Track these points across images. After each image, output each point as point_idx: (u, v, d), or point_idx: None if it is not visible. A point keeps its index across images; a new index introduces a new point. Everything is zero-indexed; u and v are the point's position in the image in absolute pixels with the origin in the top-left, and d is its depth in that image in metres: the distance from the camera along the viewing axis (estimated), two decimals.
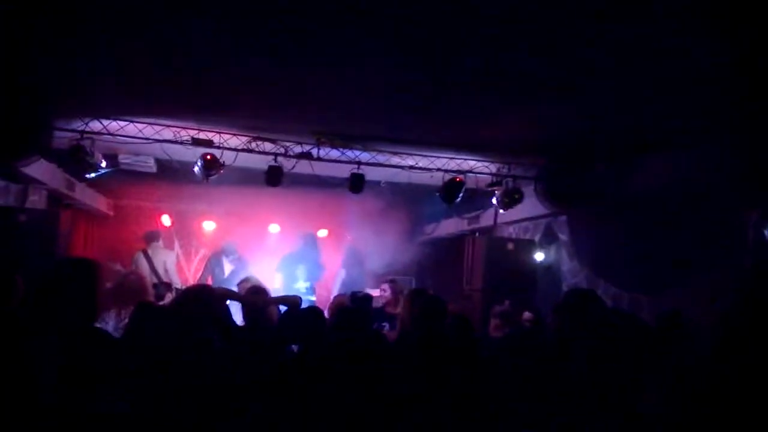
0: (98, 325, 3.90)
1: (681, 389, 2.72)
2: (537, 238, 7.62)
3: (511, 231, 8.23)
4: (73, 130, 5.81)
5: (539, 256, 7.34)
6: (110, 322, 4.72)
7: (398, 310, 5.36)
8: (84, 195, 8.37)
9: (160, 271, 7.55)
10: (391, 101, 4.86)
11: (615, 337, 3.45)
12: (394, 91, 4.56)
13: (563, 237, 7.21)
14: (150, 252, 7.79)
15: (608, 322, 3.67)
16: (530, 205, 6.94)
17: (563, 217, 7.10)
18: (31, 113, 5.29)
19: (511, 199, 6.80)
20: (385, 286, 6.10)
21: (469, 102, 4.73)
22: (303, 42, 3.66)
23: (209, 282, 7.49)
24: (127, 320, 3.87)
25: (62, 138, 5.83)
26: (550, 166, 6.43)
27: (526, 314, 5.41)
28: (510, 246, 7.35)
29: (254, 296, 4.12)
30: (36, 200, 7.25)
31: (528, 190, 6.81)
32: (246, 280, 5.63)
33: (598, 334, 3.49)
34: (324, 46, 3.70)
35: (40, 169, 6.60)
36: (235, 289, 5.55)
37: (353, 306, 4.96)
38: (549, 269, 7.32)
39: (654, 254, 5.46)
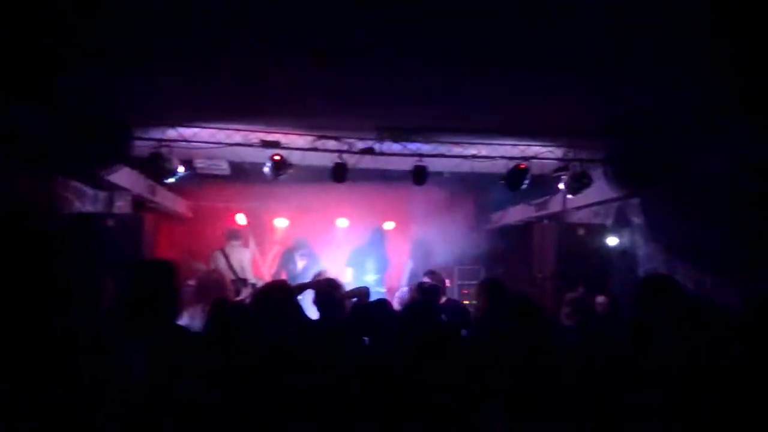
0: (182, 323, 4.15)
1: None
2: (609, 222, 7.41)
3: (581, 216, 8.03)
4: (151, 139, 6.19)
5: (612, 241, 7.14)
6: (196, 318, 5.01)
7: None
8: (165, 198, 8.86)
9: (237, 269, 7.90)
10: (450, 89, 4.87)
11: (700, 324, 3.34)
12: (453, 78, 4.57)
13: (637, 220, 6.98)
14: (227, 250, 8.16)
15: (692, 308, 3.55)
16: (600, 189, 6.76)
17: (636, 200, 6.87)
18: (112, 125, 5.68)
19: (579, 184, 6.65)
20: (426, 279, 6.11)
21: (529, 84, 4.66)
22: (361, 38, 3.75)
23: (284, 277, 7.77)
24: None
25: (142, 146, 6.22)
26: (619, 146, 6.23)
27: (599, 298, 5.29)
28: (581, 231, 7.18)
29: (329, 288, 4.25)
30: (122, 205, 7.75)
31: (596, 173, 6.64)
32: (320, 273, 5.85)
33: (681, 322, 3.39)
34: (381, 39, 3.77)
35: (123, 176, 7.07)
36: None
37: (421, 297, 5.02)
38: (623, 254, 7.10)
39: (739, 233, 5.18)
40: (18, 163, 5.18)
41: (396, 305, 5.20)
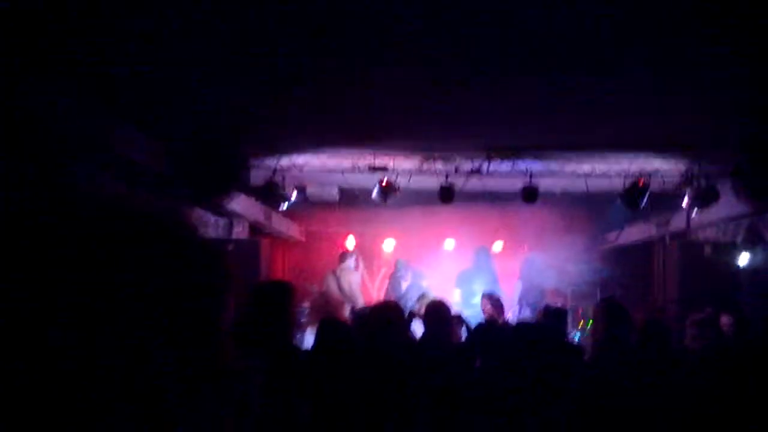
0: (301, 342, 4.28)
1: None
2: (739, 239, 6.84)
3: (707, 234, 7.47)
4: (267, 168, 6.54)
5: (743, 260, 6.58)
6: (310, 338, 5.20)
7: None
8: (280, 224, 9.29)
9: (346, 290, 8.09)
10: (559, 103, 4.74)
11: None
12: (561, 92, 4.45)
13: None
14: (338, 273, 8.38)
15: None
16: (728, 204, 6.27)
17: None
18: (231, 157, 6.06)
19: (705, 199, 6.22)
20: (485, 301, 5.98)
21: (645, 95, 4.45)
22: (466, 64, 3.78)
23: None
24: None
25: (257, 175, 6.59)
26: (749, 158, 5.75)
27: (724, 319, 4.86)
28: (708, 250, 6.69)
29: (437, 311, 4.24)
30: (240, 231, 8.21)
31: (724, 187, 6.16)
32: (423, 296, 5.84)
33: None
34: (486, 60, 3.78)
35: (241, 203, 7.49)
36: (412, 303, 5.83)
37: (546, 321, 4.88)
38: (756, 274, 6.51)
39: None
40: (145, 193, 5.66)
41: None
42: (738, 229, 6.92)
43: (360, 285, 8.26)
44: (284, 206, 6.85)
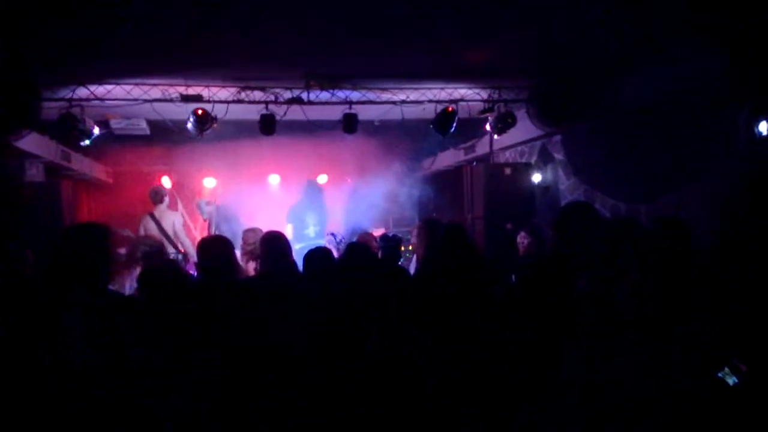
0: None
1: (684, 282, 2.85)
2: (533, 160, 7.68)
3: (507, 156, 8.28)
4: (61, 99, 5.81)
5: (537, 178, 7.42)
6: (126, 286, 4.87)
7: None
8: (81, 165, 8.40)
9: (170, 233, 7.65)
10: (374, 34, 4.82)
11: (617, 242, 3.54)
12: (376, 22, 4.52)
13: (559, 156, 7.26)
14: (157, 214, 7.87)
15: (608, 229, 3.75)
16: (524, 129, 6.98)
17: (558, 137, 7.14)
18: (17, 85, 5.26)
19: (504, 124, 6.83)
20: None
21: (451, 25, 4.68)
22: None
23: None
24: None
25: (50, 108, 5.83)
26: (540, 86, 6.41)
27: (521, 234, 5.48)
28: (507, 171, 7.42)
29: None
30: (34, 174, 7.29)
31: (521, 113, 6.82)
32: (251, 230, 5.70)
33: (599, 243, 3.58)
34: None
35: (33, 142, 6.61)
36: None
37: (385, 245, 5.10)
38: (547, 190, 7.41)
39: (649, 163, 5.54)
40: None
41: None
42: (533, 151, 7.75)
43: (183, 226, 7.87)
44: (86, 142, 6.17)
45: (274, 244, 3.91)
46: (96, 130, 6.15)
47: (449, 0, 4.05)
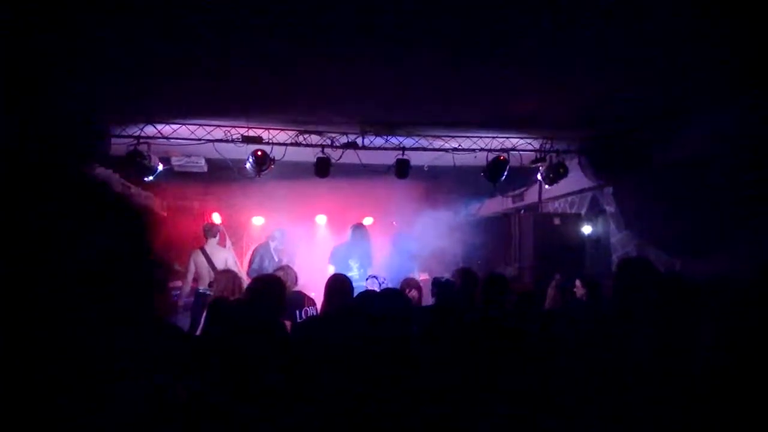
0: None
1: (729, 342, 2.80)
2: (583, 211, 7.63)
3: (556, 206, 8.25)
4: (129, 136, 6.10)
5: (587, 230, 7.36)
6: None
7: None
8: (139, 198, 8.71)
9: (219, 268, 7.80)
10: (429, 84, 4.96)
11: (671, 299, 3.50)
12: (430, 74, 4.65)
13: (610, 209, 7.21)
14: (208, 249, 8.06)
15: (664, 286, 3.72)
16: (575, 179, 6.97)
17: (609, 189, 7.10)
18: (89, 123, 5.56)
19: (555, 174, 6.84)
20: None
21: (504, 77, 4.78)
22: (344, 38, 3.82)
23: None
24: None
25: (119, 144, 6.12)
26: (592, 137, 6.44)
27: (578, 283, 5.44)
28: (557, 221, 7.37)
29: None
30: None
31: (572, 164, 6.83)
32: (281, 268, 5.69)
33: (655, 299, 3.55)
34: (361, 38, 3.85)
35: (97, 174, 6.92)
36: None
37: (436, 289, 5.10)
38: (598, 242, 7.33)
39: (701, 218, 5.45)
40: None
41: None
42: (583, 202, 7.71)
43: (235, 261, 8.03)
44: (149, 178, 6.44)
45: (336, 287, 4.00)
46: (159, 167, 6.40)
47: (501, 52, 4.15)
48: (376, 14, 3.52)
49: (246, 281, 7.23)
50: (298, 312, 4.88)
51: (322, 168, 6.35)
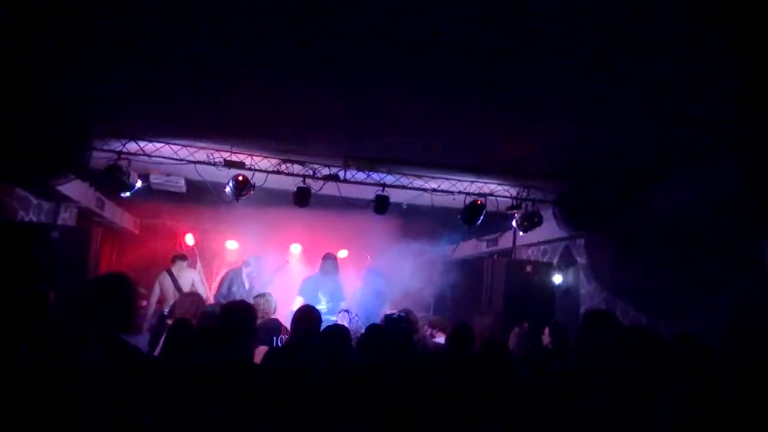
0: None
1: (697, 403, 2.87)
2: (555, 260, 7.75)
3: (529, 253, 8.36)
4: (110, 150, 6.06)
5: (557, 279, 7.46)
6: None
7: None
8: (113, 213, 8.62)
9: (186, 290, 7.72)
10: (415, 125, 5.07)
11: (635, 355, 3.57)
12: (418, 114, 4.77)
13: (581, 260, 7.34)
14: (174, 271, 7.97)
15: (629, 341, 3.79)
16: (549, 228, 7.10)
17: (581, 240, 7.24)
18: (70, 134, 5.51)
19: (530, 222, 6.96)
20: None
21: (489, 123, 4.91)
22: (332, 70, 3.91)
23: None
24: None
25: (98, 158, 6.08)
26: (569, 189, 6.58)
27: (546, 331, 5.49)
28: (529, 268, 7.45)
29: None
30: (66, 217, 7.49)
31: (547, 213, 6.97)
32: (261, 295, 5.70)
33: (618, 354, 3.62)
34: (351, 74, 3.95)
35: (73, 187, 6.84)
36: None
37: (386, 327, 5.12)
38: (567, 292, 7.42)
39: (673, 277, 5.55)
40: None
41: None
42: (555, 251, 7.84)
43: (202, 283, 7.94)
44: (126, 194, 6.38)
45: (302, 319, 4.00)
46: (138, 183, 6.36)
47: (492, 96, 4.27)
48: (367, 53, 3.63)
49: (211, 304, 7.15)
50: (275, 338, 4.97)
51: (302, 198, 6.37)
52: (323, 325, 4.27)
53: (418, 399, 3.53)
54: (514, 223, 7.21)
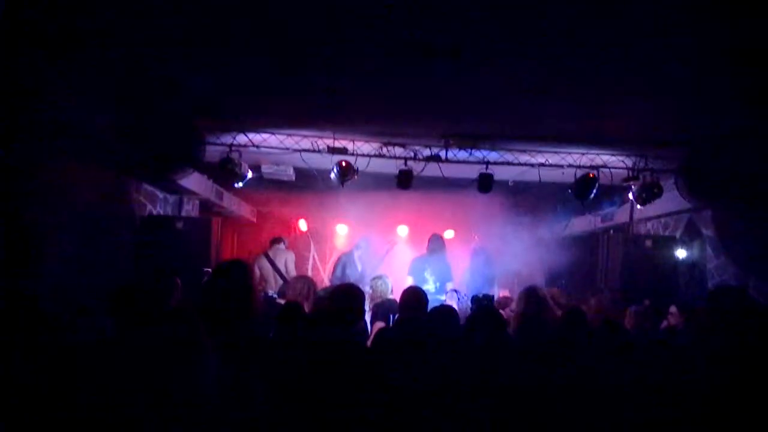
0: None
1: None
2: (678, 234, 7.19)
3: (648, 227, 7.83)
4: (222, 144, 6.40)
5: (681, 254, 6.93)
6: None
7: None
8: (231, 203, 9.13)
9: (282, 270, 8.14)
10: (518, 96, 4.84)
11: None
12: (520, 84, 4.55)
13: (707, 232, 6.75)
14: (271, 254, 8.36)
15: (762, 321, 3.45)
16: (670, 200, 6.59)
17: (707, 212, 6.65)
18: (186, 131, 5.88)
19: (649, 194, 6.49)
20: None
21: (599, 91, 4.59)
22: (430, 50, 3.82)
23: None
24: None
25: (212, 151, 6.44)
26: (692, 157, 6.05)
27: (672, 309, 5.13)
28: (648, 243, 6.99)
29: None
30: (189, 209, 8.04)
31: (667, 183, 6.46)
32: (378, 277, 5.90)
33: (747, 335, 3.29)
34: (451, 46, 3.82)
35: (193, 180, 7.31)
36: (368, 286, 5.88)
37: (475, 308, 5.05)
38: (693, 267, 6.88)
39: None
40: (93, 166, 5.43)
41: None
42: (677, 224, 7.28)
43: (294, 263, 8.34)
44: (239, 184, 6.73)
45: (409, 300, 4.03)
46: (249, 174, 6.68)
47: (592, 63, 3.99)
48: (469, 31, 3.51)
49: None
50: (392, 316, 5.14)
51: (405, 180, 6.38)
52: (431, 305, 4.30)
53: (529, 382, 3.42)
54: (630, 196, 6.76)
